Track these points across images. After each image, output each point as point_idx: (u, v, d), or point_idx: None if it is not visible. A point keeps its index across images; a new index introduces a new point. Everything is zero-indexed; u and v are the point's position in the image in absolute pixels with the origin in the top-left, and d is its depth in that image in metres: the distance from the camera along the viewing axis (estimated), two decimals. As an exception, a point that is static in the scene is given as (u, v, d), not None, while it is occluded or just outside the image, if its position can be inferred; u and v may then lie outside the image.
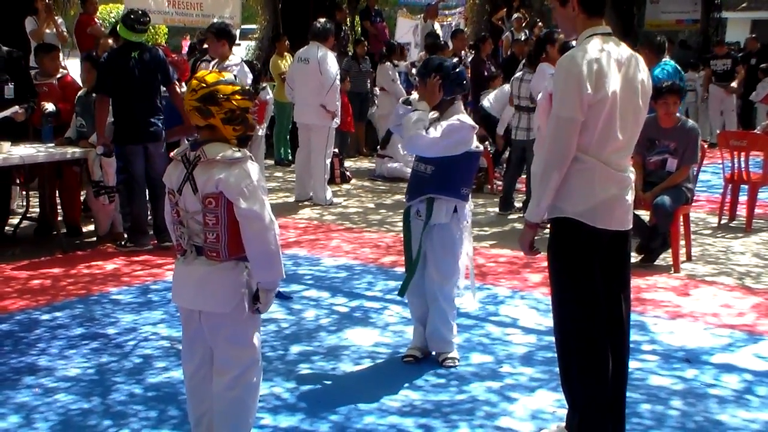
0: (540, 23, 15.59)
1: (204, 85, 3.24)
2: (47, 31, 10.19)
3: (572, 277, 3.58)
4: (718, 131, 13.43)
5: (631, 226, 3.65)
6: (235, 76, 3.38)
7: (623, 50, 3.54)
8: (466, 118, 4.59)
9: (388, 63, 12.41)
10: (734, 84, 15.23)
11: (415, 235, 4.64)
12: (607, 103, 3.41)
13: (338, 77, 9.27)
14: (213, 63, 8.12)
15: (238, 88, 3.28)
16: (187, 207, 3.24)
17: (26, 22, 10.13)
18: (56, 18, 10.62)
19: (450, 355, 4.69)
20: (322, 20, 9.56)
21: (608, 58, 3.44)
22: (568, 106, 3.39)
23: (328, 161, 9.43)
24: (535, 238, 3.66)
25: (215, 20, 11.07)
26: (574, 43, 3.72)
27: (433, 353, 4.76)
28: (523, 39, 13.81)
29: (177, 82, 7.52)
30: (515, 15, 14.65)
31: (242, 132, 3.30)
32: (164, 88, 7.27)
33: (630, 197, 3.60)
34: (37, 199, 7.88)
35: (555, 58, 8.02)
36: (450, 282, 4.67)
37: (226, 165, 3.17)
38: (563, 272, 3.61)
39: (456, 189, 4.56)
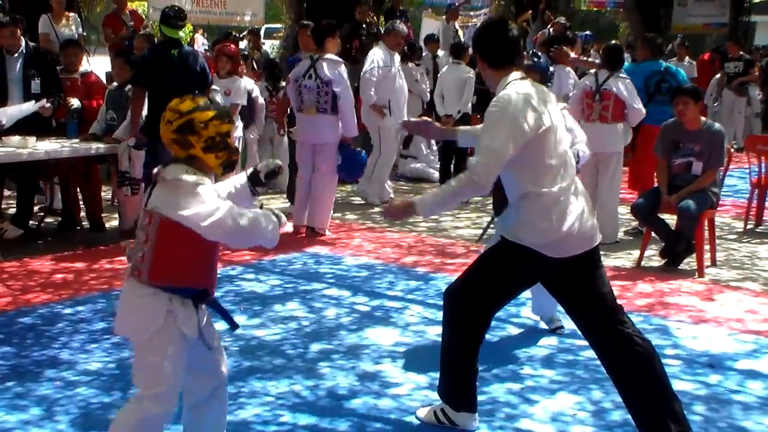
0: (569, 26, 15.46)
1: (178, 114, 3.11)
2: (65, 31, 10.15)
3: (500, 287, 3.77)
4: (734, 134, 13.29)
5: (593, 246, 3.71)
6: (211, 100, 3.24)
7: (540, 87, 3.75)
8: None
9: (411, 63, 12.39)
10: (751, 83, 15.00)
11: None
12: (548, 135, 3.58)
13: (372, 69, 9.05)
14: None
15: (215, 113, 3.14)
16: (141, 225, 3.19)
17: (40, 21, 10.12)
18: (70, 15, 10.48)
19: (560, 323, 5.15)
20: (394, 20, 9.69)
21: (535, 96, 3.61)
22: (500, 141, 3.51)
23: (391, 160, 9.44)
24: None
25: (238, 18, 11.09)
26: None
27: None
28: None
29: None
30: (559, 19, 14.52)
31: (226, 158, 3.18)
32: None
33: (590, 220, 3.69)
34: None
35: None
36: None
37: (174, 186, 3.07)
38: (495, 280, 3.76)
39: None
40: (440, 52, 12.48)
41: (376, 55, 9.16)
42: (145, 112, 7.13)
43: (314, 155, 7.70)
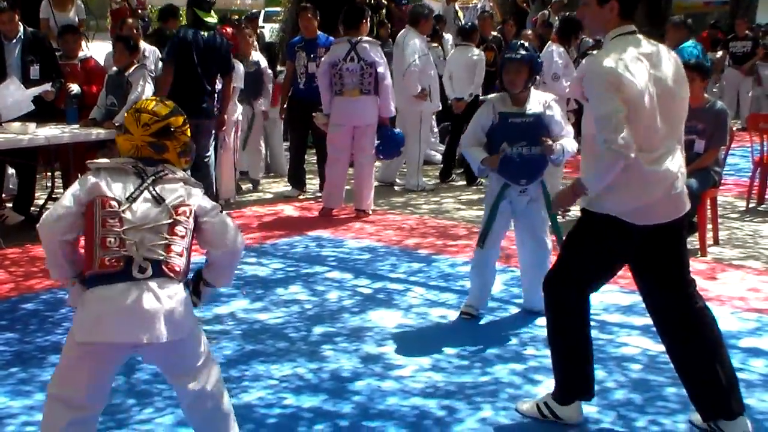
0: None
1: (157, 118, 3.04)
2: (67, 16, 10.07)
3: (591, 262, 3.66)
4: (730, 113, 13.16)
5: (681, 214, 3.60)
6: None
7: (649, 45, 3.55)
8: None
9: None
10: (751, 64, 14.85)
11: (506, 210, 5.00)
12: (643, 99, 3.39)
13: (416, 60, 8.80)
14: None
15: (183, 117, 3.14)
16: (140, 217, 2.94)
17: (41, 7, 10.06)
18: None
19: None
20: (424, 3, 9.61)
21: (636, 55, 3.44)
22: (607, 103, 3.36)
23: (424, 147, 9.33)
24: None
25: (238, 2, 11.11)
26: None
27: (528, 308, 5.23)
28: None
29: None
30: None
31: (189, 163, 3.19)
32: None
33: (679, 187, 3.55)
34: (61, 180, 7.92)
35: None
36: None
37: (189, 185, 3.06)
38: (585, 255, 3.65)
39: None
40: (445, 34, 12.39)
41: (416, 45, 8.90)
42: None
43: (356, 137, 7.73)
